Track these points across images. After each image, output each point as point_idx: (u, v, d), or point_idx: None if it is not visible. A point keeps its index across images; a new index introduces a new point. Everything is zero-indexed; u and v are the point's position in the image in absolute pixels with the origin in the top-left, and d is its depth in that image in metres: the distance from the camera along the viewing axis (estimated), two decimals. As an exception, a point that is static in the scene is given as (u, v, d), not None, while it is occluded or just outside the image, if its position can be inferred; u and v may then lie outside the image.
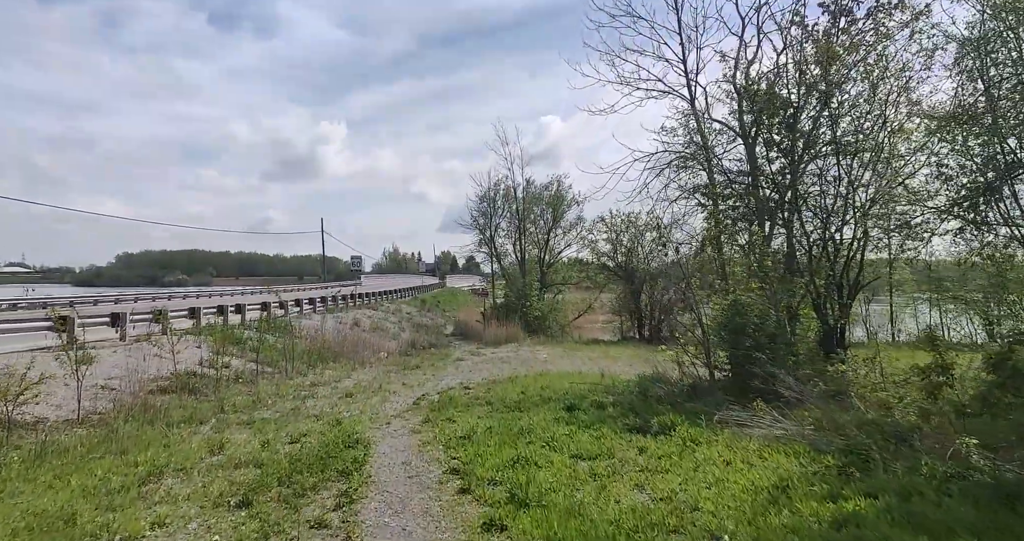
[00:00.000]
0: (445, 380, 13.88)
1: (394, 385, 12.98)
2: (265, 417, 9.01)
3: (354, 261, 37.94)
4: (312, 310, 24.64)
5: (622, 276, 29.22)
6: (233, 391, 10.83)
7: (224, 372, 12.35)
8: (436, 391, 11.97)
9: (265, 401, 10.43)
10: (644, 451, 6.09)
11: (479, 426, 7.79)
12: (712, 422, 6.98)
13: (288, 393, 11.42)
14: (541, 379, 13.28)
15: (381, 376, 14.69)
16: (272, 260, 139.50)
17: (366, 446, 6.82)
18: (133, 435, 7.02)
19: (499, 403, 9.95)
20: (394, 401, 10.72)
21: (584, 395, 10.22)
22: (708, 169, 11.15)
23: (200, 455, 6.39)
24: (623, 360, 19.11)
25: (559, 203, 30.65)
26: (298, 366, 14.65)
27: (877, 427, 5.58)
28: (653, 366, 11.93)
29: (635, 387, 10.55)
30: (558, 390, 11.15)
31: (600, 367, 16.78)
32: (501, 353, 20.93)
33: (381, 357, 19.29)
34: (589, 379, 13.27)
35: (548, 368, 16.35)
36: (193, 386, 10.24)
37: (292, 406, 10.11)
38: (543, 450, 6.21)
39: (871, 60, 8.38)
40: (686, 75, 11.35)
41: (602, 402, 9.17)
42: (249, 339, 16.07)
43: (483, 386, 12.57)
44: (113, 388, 9.38)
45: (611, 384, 11.31)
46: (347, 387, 12.57)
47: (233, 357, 14.05)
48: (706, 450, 5.75)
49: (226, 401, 9.85)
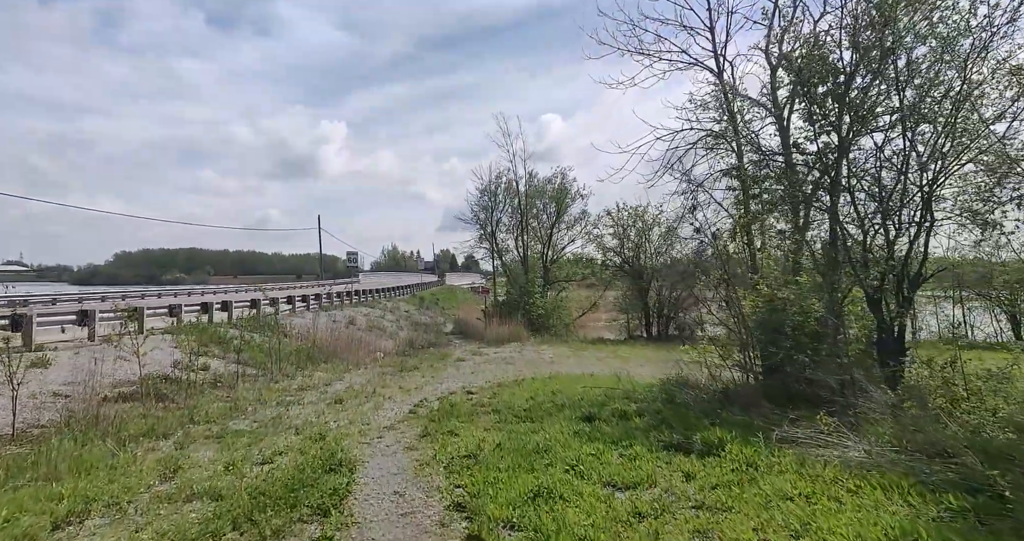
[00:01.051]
0: (445, 383, 12.73)
1: (390, 389, 11.83)
2: (240, 429, 7.85)
3: (350, 257, 36.62)
4: (305, 308, 23.47)
5: (629, 272, 28.05)
6: (208, 397, 9.67)
7: (201, 375, 11.20)
8: (436, 396, 10.82)
9: (244, 408, 9.27)
10: (692, 478, 4.94)
11: (486, 441, 6.63)
12: (767, 438, 5.83)
13: (271, 399, 10.27)
14: (550, 382, 12.13)
15: (376, 379, 13.54)
16: (271, 259, 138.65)
17: (351, 469, 5.67)
18: (73, 455, 5.86)
19: (507, 411, 8.80)
20: (389, 408, 9.57)
21: (602, 402, 9.08)
22: (737, 148, 9.97)
23: (147, 482, 5.23)
24: (634, 360, 17.99)
25: (563, 196, 29.41)
26: (285, 368, 13.49)
27: (987, 450, 4.43)
28: (675, 367, 10.81)
29: (659, 392, 9.40)
30: (571, 395, 10.00)
31: (612, 368, 15.65)
32: (504, 353, 19.79)
33: (377, 357, 18.13)
34: (603, 382, 12.12)
35: (556, 369, 15.21)
36: (162, 392, 9.08)
37: (273, 414, 8.95)
38: (567, 476, 5.05)
39: (938, 16, 7.22)
40: (713, 44, 10.17)
41: (625, 411, 8.02)
42: (234, 339, 14.92)
43: (487, 390, 11.42)
44: (67, 395, 8.22)
45: (630, 389, 10.16)
46: (338, 391, 11.42)
47: (214, 358, 12.90)
48: (773, 479, 4.59)
49: (198, 409, 8.69)
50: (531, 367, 15.88)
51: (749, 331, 8.80)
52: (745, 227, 9.77)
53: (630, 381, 10.70)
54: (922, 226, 7.31)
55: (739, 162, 10.00)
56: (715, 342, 9.49)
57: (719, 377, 9.43)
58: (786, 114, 9.71)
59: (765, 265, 9.79)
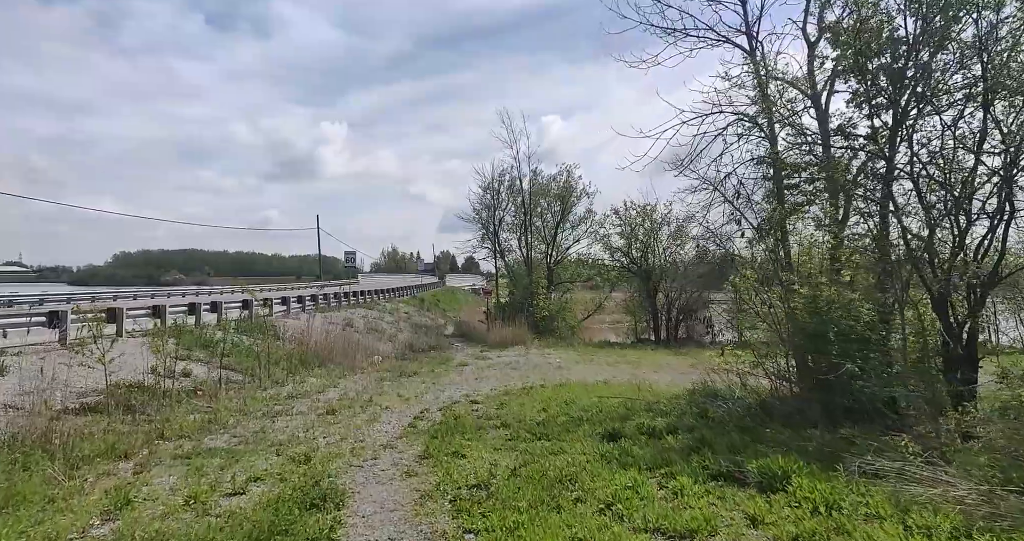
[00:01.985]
0: (448, 391, 11.76)
1: (387, 397, 10.86)
2: (215, 446, 6.87)
3: (348, 256, 35.50)
4: (300, 309, 22.46)
5: (637, 273, 27.06)
6: (185, 408, 8.68)
7: (181, 382, 10.21)
8: (438, 406, 9.84)
9: (224, 420, 8.29)
10: (759, 522, 3.96)
11: (499, 466, 5.65)
12: (832, 466, 4.85)
13: (256, 409, 9.29)
14: (562, 391, 11.15)
15: (373, 385, 12.57)
16: (270, 260, 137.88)
17: (338, 503, 4.68)
18: (2, 485, 4.87)
19: (518, 425, 7.82)
20: (386, 421, 8.60)
21: (624, 415, 8.11)
22: (771, 133, 9.01)
23: (83, 523, 4.26)
24: (646, 366, 17.01)
25: (568, 195, 28.34)
26: (276, 373, 12.51)
27: None
28: (700, 375, 9.84)
29: (686, 404, 8.42)
30: (586, 406, 9.04)
31: (625, 375, 14.67)
32: (508, 357, 18.81)
33: (375, 361, 17.15)
34: (619, 391, 11.14)
35: (565, 376, 14.23)
36: (133, 402, 8.09)
37: (256, 428, 7.97)
38: (603, 519, 4.07)
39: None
40: (745, 19, 9.27)
41: (652, 427, 7.04)
42: (221, 342, 13.93)
43: (494, 399, 10.45)
44: (19, 408, 7.24)
45: (652, 399, 9.18)
46: (331, 400, 10.45)
47: (197, 363, 11.92)
48: (869, 531, 3.59)
49: (171, 422, 7.70)
50: (538, 373, 14.91)
51: (790, 336, 7.81)
52: (780, 222, 8.80)
53: (650, 390, 9.72)
54: (999, 216, 6.33)
55: (773, 149, 9.03)
56: (752, 348, 8.50)
57: (752, 387, 8.46)
58: (825, 97, 8.76)
59: (802, 263, 8.81)
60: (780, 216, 8.88)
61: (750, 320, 9.17)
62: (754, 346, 8.85)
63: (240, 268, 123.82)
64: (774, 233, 9.20)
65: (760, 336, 8.95)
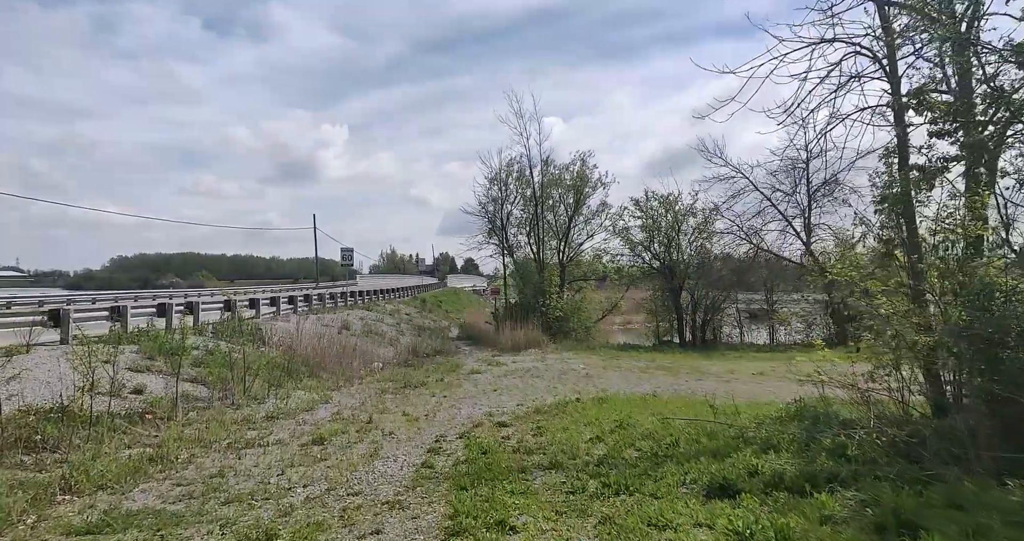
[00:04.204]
0: (464, 408, 9.59)
1: (391, 416, 8.71)
2: (138, 508, 4.69)
3: (345, 255, 33.00)
4: (292, 311, 20.29)
5: (660, 270, 24.87)
6: (120, 440, 6.49)
7: (128, 402, 8.03)
8: (456, 431, 7.69)
9: (172, 457, 6.12)
10: None
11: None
12: None
13: (222, 437, 7.12)
14: (607, 408, 8.99)
15: (373, 399, 10.41)
16: (269, 263, 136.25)
17: None
18: None
19: (572, 465, 5.67)
20: (390, 455, 6.43)
21: (713, 448, 5.93)
22: (890, 71, 6.87)
23: None
24: (684, 373, 14.84)
25: (582, 185, 26.11)
26: (256, 386, 10.33)
27: None
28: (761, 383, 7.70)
29: (799, 431, 6.23)
30: (651, 432, 6.89)
31: (668, 385, 12.51)
32: (525, 363, 16.64)
33: (374, 369, 14.97)
34: (678, 406, 9.00)
35: (598, 386, 12.07)
36: (39, 437, 5.90)
37: (213, 470, 5.80)
38: None
39: None
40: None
41: (779, 473, 4.85)
42: (195, 348, 11.76)
43: (526, 421, 8.28)
44: None
45: (740, 423, 6.99)
46: (320, 422, 8.30)
47: (158, 375, 9.74)
48: None
49: (91, 465, 5.51)
50: (566, 382, 12.75)
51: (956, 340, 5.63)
52: (905, 193, 6.66)
53: (736, 410, 7.53)
54: None
55: (895, 92, 6.88)
56: (874, 353, 6.31)
57: (884, 410, 6.29)
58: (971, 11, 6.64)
59: (940, 243, 6.66)
60: (906, 185, 6.72)
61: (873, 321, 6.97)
62: (874, 351, 6.68)
63: (238, 272, 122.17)
64: (893, 210, 7.05)
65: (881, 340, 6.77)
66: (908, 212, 6.83)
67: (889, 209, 7.19)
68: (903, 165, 6.96)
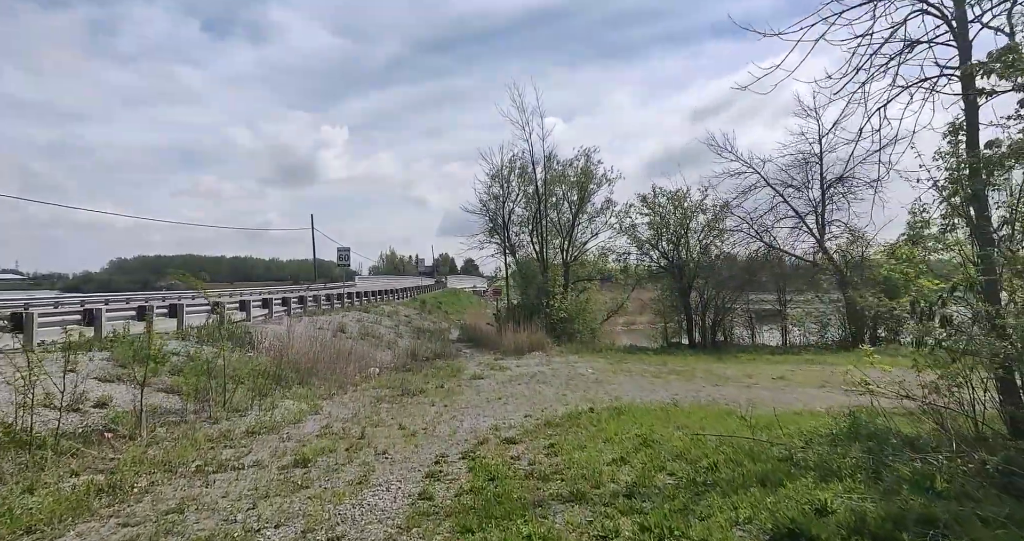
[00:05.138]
0: (467, 419, 8.69)
1: (386, 431, 7.80)
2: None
3: (341, 254, 31.91)
4: (285, 313, 19.40)
5: (668, 269, 23.95)
6: (67, 465, 5.58)
7: (87, 417, 7.13)
8: (458, 449, 6.78)
9: (124, 486, 5.21)
10: None
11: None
12: None
13: (189, 458, 6.21)
14: (626, 421, 8.07)
15: (367, 409, 9.50)
16: (268, 265, 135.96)
17: None
18: None
19: (597, 496, 4.76)
20: (382, 482, 5.52)
21: (761, 474, 5.02)
22: (958, 33, 5.98)
23: None
24: (700, 378, 13.94)
25: (587, 182, 25.22)
26: (238, 395, 9.42)
27: None
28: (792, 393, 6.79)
29: (863, 454, 5.31)
30: (682, 452, 5.99)
31: (686, 391, 11.60)
32: (529, 367, 15.76)
33: (371, 374, 14.07)
34: (704, 418, 8.10)
35: (610, 393, 11.18)
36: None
37: (172, 504, 4.89)
38: None
39: None
40: None
41: (859, 512, 3.95)
42: (175, 354, 10.84)
43: (536, 436, 7.37)
44: None
45: (788, 440, 6.08)
46: (306, 437, 7.39)
47: (128, 385, 8.82)
48: None
49: (18, 501, 4.60)
50: (574, 389, 11.85)
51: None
52: (986, 164, 5.75)
53: (773, 423, 6.61)
54: None
55: (963, 58, 5.98)
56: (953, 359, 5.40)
57: (955, 426, 5.39)
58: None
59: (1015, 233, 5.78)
60: (979, 163, 5.81)
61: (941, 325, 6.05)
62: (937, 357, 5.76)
63: (237, 273, 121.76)
64: (962, 193, 6.14)
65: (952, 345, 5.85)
66: (980, 199, 5.94)
67: (951, 195, 6.28)
68: (972, 144, 6.05)
